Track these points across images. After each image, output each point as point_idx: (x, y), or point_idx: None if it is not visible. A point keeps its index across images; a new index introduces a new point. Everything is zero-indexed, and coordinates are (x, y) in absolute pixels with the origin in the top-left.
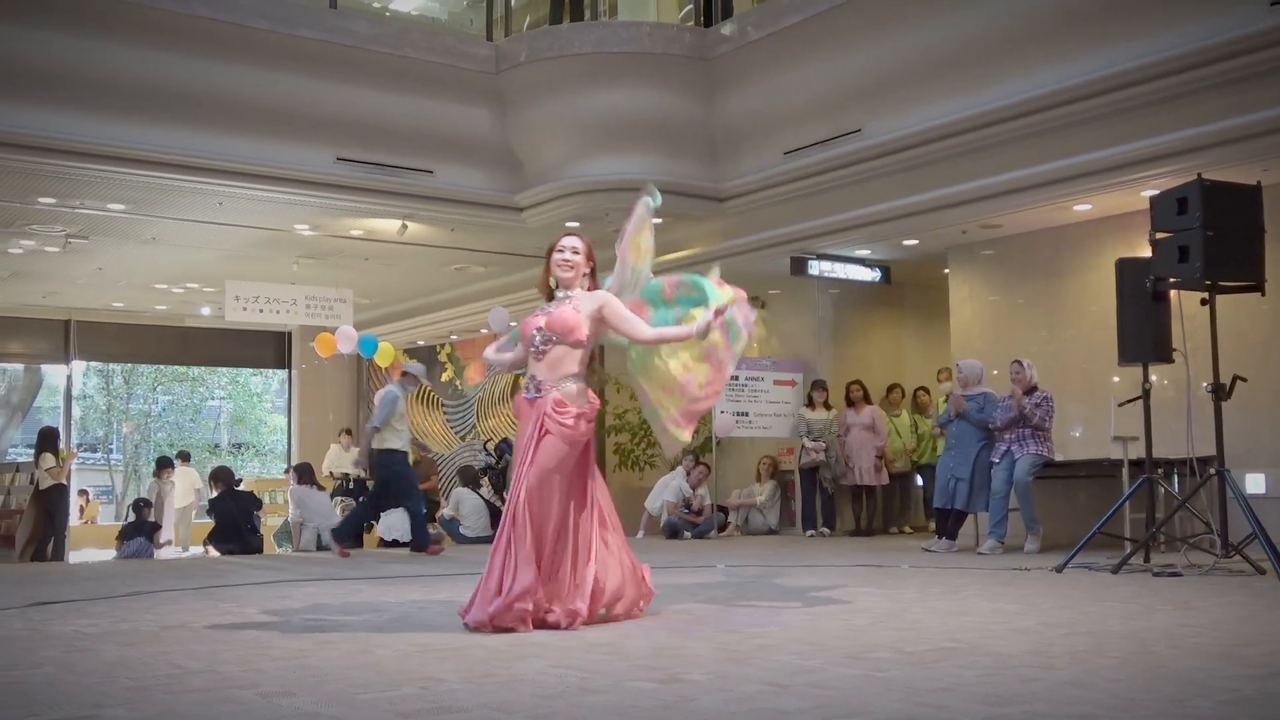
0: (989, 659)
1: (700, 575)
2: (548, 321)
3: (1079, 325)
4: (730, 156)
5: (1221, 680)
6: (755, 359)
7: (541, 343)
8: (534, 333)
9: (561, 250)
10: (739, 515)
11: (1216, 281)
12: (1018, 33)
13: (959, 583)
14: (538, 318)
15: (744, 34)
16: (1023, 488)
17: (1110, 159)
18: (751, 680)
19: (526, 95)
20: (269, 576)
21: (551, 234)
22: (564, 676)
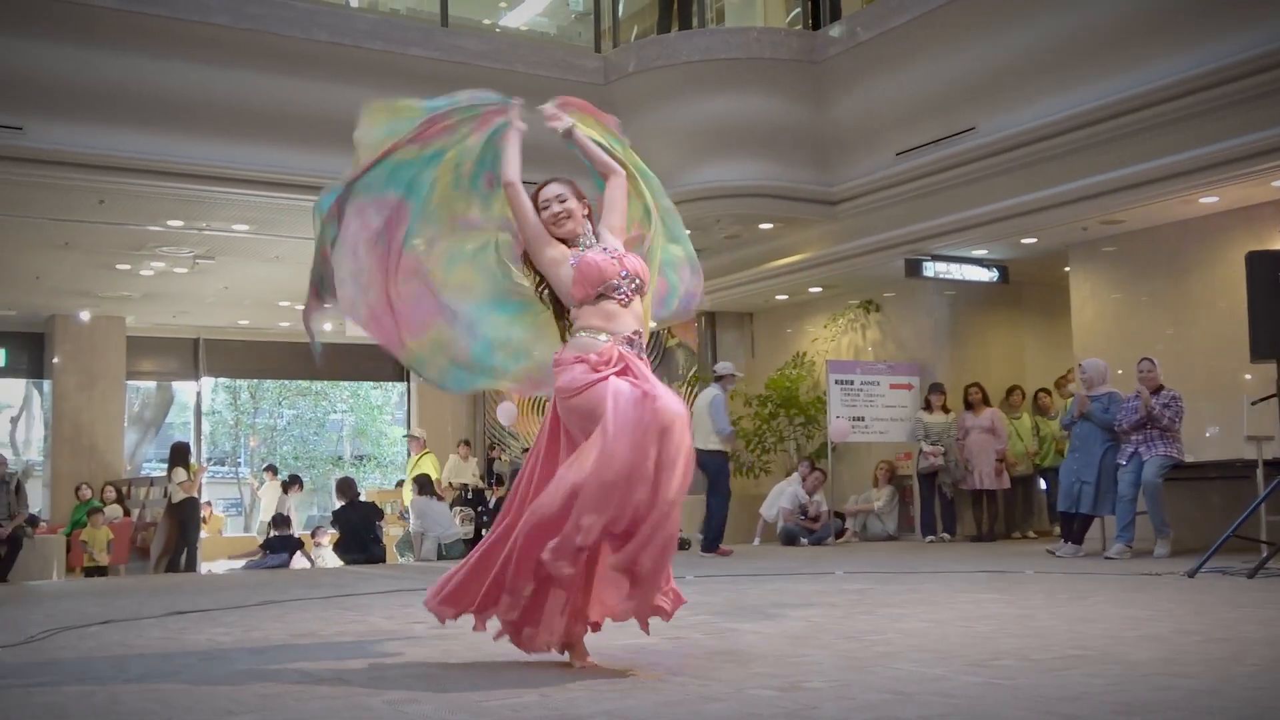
0: (1119, 667)
1: (819, 582)
2: (630, 267)
3: (1207, 321)
4: (841, 159)
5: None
6: (871, 363)
7: (631, 290)
8: (620, 276)
9: (547, 205)
10: (856, 521)
11: None
12: (1135, 23)
13: (1086, 588)
14: (606, 257)
15: (853, 35)
16: (1151, 490)
17: (1238, 149)
18: (874, 688)
19: (636, 104)
20: (392, 586)
21: None
22: (684, 684)
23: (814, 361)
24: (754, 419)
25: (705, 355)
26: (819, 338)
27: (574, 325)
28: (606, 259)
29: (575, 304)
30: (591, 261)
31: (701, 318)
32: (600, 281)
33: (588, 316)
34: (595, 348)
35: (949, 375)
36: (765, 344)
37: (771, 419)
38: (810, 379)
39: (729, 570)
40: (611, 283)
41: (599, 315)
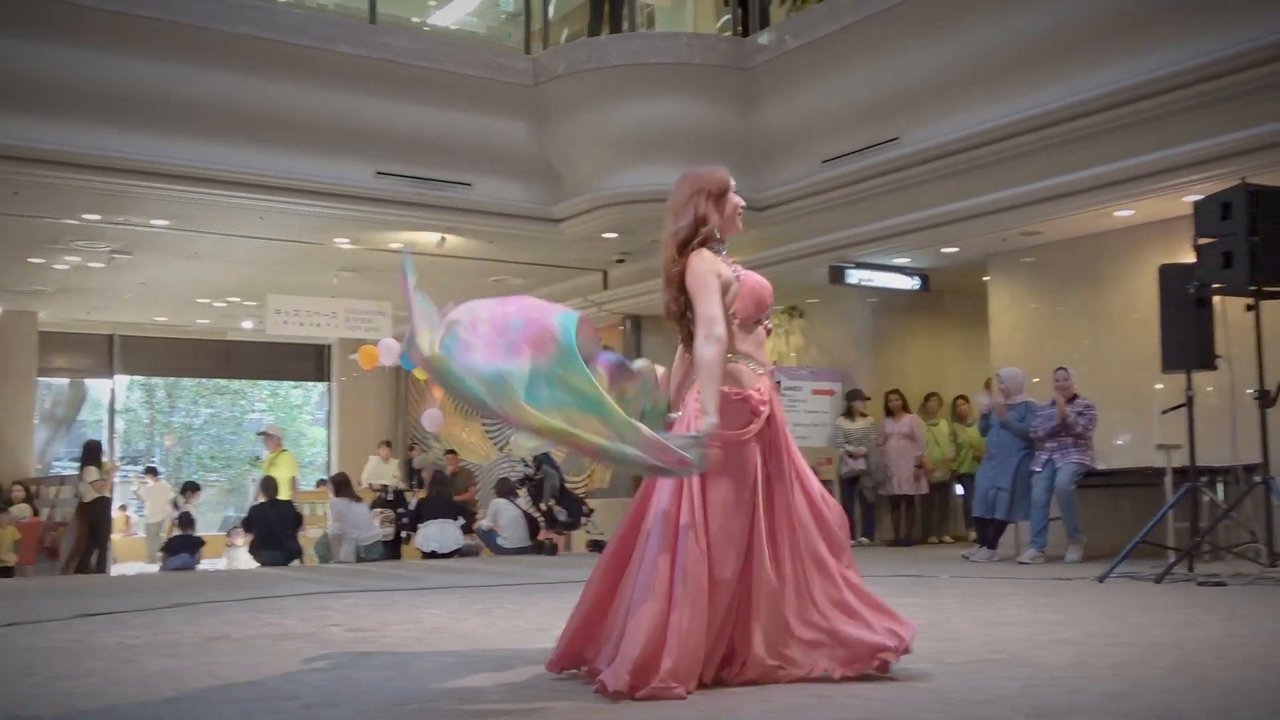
0: (1032, 670)
1: None
2: (766, 295)
3: (1121, 332)
4: (769, 166)
5: (1269, 691)
6: (794, 368)
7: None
8: (755, 309)
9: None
10: None
11: (1261, 287)
12: (1057, 39)
13: (1000, 593)
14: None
15: (781, 43)
16: (1065, 496)
17: (1153, 164)
18: (792, 691)
19: (565, 107)
20: (309, 588)
21: (591, 245)
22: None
23: None
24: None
25: (630, 358)
26: None
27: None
28: (763, 280)
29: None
30: (757, 281)
31: (626, 321)
32: (766, 305)
33: (737, 341)
34: (755, 383)
35: (870, 381)
36: None
37: None
38: None
39: None
40: (768, 309)
41: (752, 343)
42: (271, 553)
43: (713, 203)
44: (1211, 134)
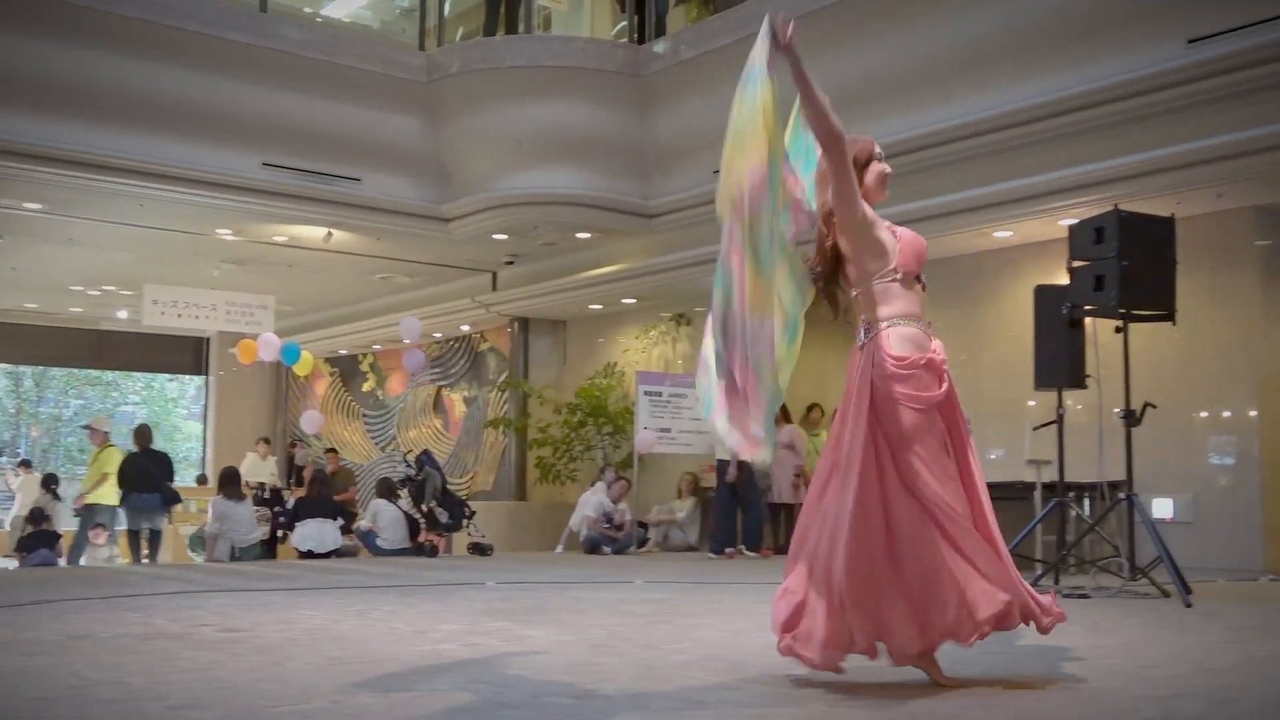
0: (898, 676)
1: (619, 591)
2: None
3: (997, 350)
4: (661, 173)
5: (1127, 701)
6: (680, 375)
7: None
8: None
9: (881, 160)
10: (659, 531)
11: (1130, 310)
12: (941, 62)
13: None
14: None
15: (677, 53)
16: None
17: (1031, 188)
18: (668, 697)
19: (458, 106)
20: (179, 587)
21: (481, 245)
22: (480, 691)
23: (624, 372)
24: (562, 427)
25: (517, 361)
26: (630, 349)
27: (877, 308)
28: (919, 236)
29: (887, 279)
30: (913, 235)
31: (514, 323)
32: (924, 259)
33: (897, 301)
34: (926, 344)
35: None
36: (577, 352)
37: (580, 427)
38: (620, 389)
39: (530, 577)
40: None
41: (908, 301)
42: (149, 496)
43: (859, 170)
44: (1088, 160)
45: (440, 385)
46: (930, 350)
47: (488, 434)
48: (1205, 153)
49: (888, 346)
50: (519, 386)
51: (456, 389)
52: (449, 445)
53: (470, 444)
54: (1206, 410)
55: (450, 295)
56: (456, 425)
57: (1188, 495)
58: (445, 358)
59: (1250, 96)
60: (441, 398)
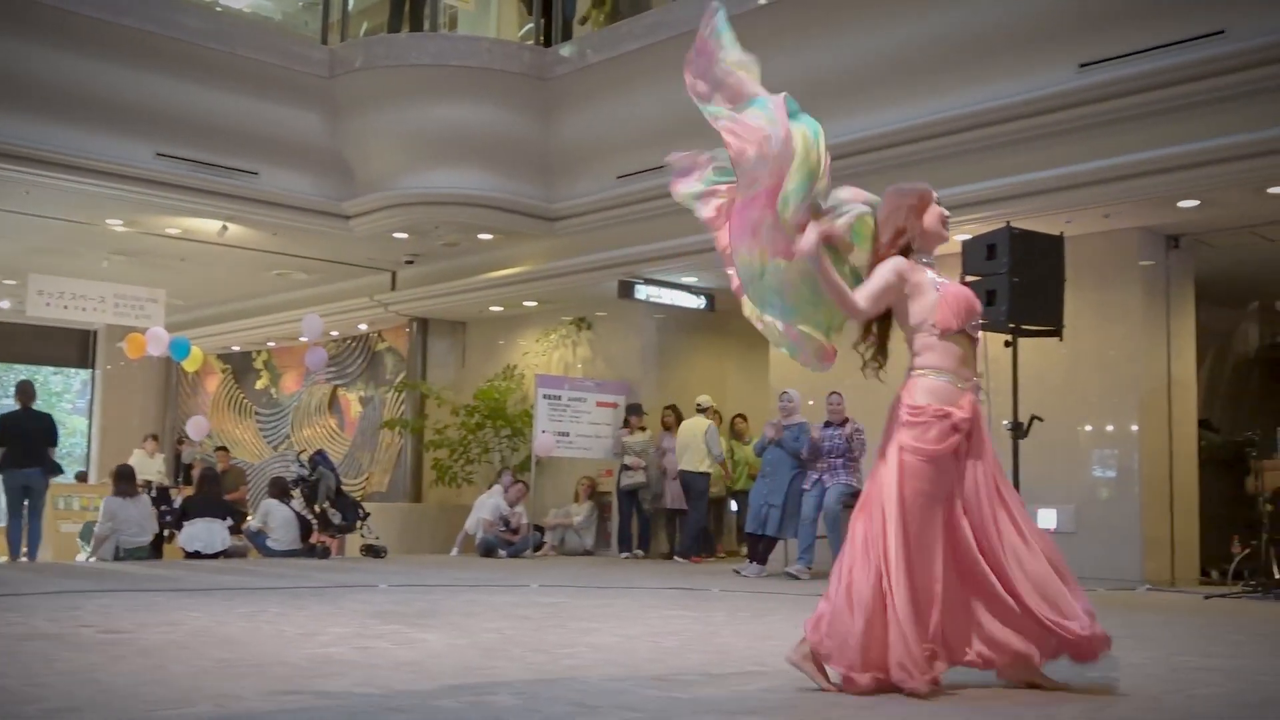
0: (792, 682)
1: (514, 594)
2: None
3: (892, 360)
4: (564, 177)
5: (1008, 707)
6: (580, 380)
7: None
8: (976, 311)
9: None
10: (555, 535)
11: (1020, 325)
12: (848, 78)
13: (767, 607)
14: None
15: (583, 57)
16: (831, 516)
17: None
18: (559, 701)
19: (360, 102)
20: (59, 586)
21: (381, 244)
22: (369, 695)
23: (524, 375)
24: (460, 429)
25: (415, 362)
26: (530, 351)
27: (915, 357)
28: (966, 291)
29: (925, 333)
30: (960, 290)
31: (413, 323)
32: (971, 314)
33: (931, 353)
34: (953, 399)
35: (654, 396)
36: (476, 354)
37: (478, 430)
38: (519, 392)
39: (424, 580)
40: (975, 320)
41: (944, 354)
42: (28, 471)
43: (914, 215)
44: (982, 178)
45: (336, 384)
46: (955, 405)
47: (384, 435)
48: (1094, 174)
49: (908, 395)
50: (416, 387)
51: (353, 388)
52: (344, 445)
53: (366, 444)
54: (1090, 424)
55: (348, 293)
56: (352, 425)
57: (1071, 506)
58: (342, 356)
59: (1138, 121)
60: (337, 397)
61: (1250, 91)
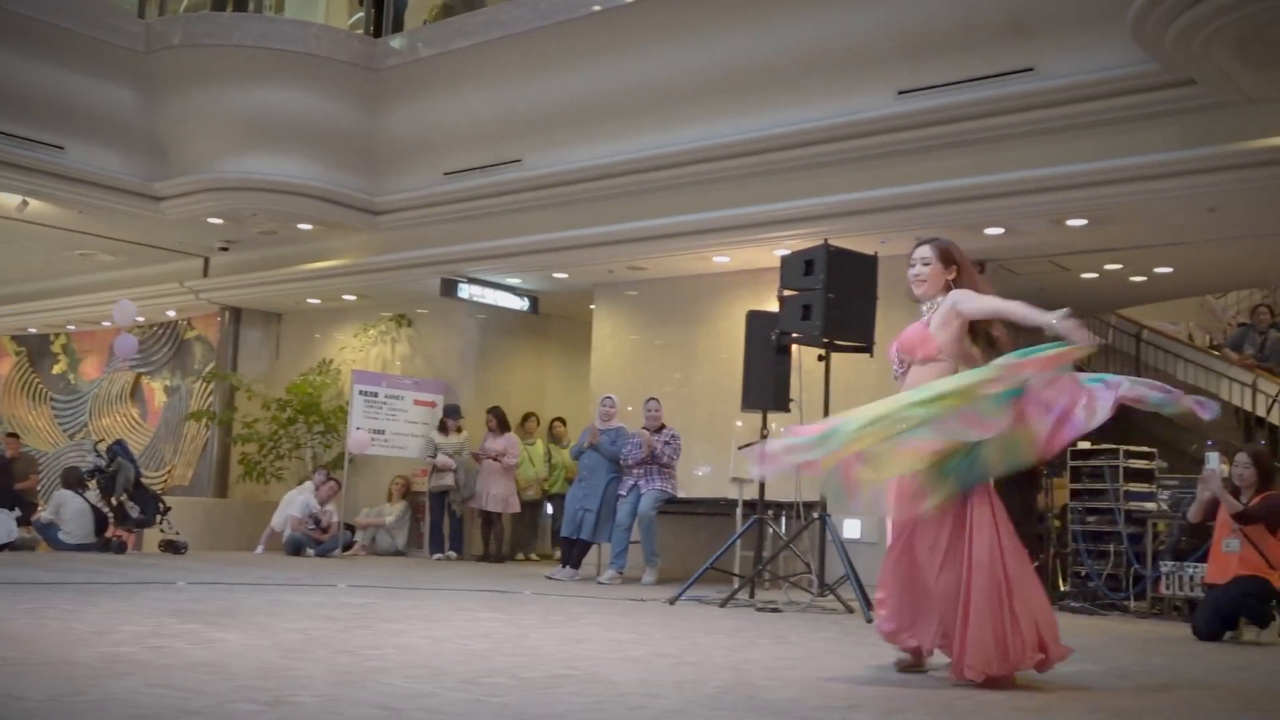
0: (599, 686)
1: (320, 594)
2: (897, 344)
3: (710, 370)
4: (390, 171)
5: (809, 711)
6: (398, 377)
7: (899, 366)
8: (892, 357)
9: (911, 265)
10: (366, 535)
11: (833, 340)
12: (678, 88)
13: (579, 611)
14: (894, 342)
15: (414, 50)
16: (646, 521)
17: (749, 217)
18: (362, 704)
19: (178, 80)
20: None
21: (194, 228)
22: (161, 696)
23: (340, 370)
24: (271, 423)
25: (226, 352)
26: (348, 346)
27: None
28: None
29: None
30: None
31: (225, 312)
32: (903, 350)
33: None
34: None
35: (474, 396)
36: (291, 347)
37: (289, 425)
38: (334, 387)
39: (226, 578)
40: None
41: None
42: None
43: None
44: (804, 196)
45: (140, 372)
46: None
47: (189, 426)
48: (907, 198)
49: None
50: (226, 378)
51: (158, 377)
52: (146, 436)
53: (169, 436)
54: None
55: (157, 278)
56: (156, 415)
57: (875, 517)
58: (147, 344)
59: (951, 149)
60: (140, 386)
61: (1055, 128)
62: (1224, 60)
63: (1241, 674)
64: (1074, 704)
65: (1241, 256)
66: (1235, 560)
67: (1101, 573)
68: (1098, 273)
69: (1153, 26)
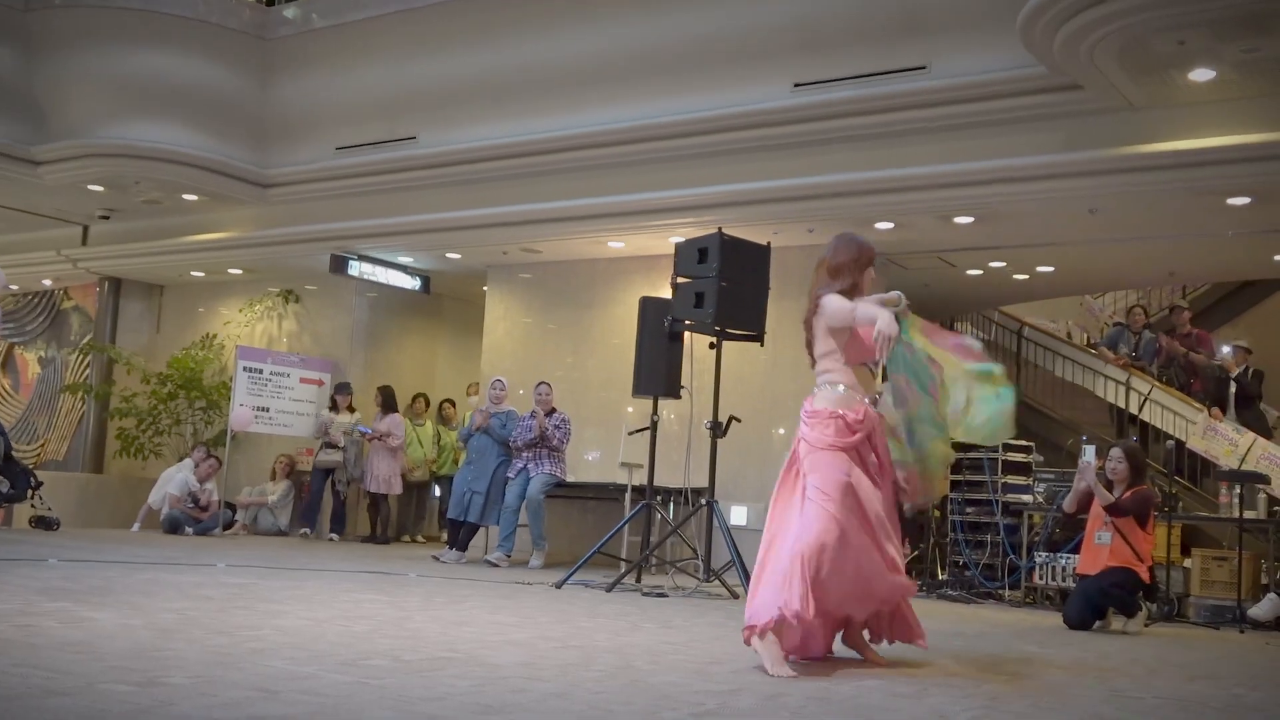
0: (482, 669)
1: (198, 574)
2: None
3: (602, 355)
4: (280, 143)
5: (691, 694)
6: (284, 354)
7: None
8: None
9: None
10: (248, 514)
11: (725, 328)
12: (578, 71)
13: (463, 594)
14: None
15: (307, 20)
16: (534, 505)
17: (644, 203)
18: (239, 685)
19: (59, 40)
20: None
21: (74, 195)
22: (26, 676)
23: (224, 345)
24: (150, 398)
25: (104, 323)
26: (233, 321)
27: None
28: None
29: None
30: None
31: (104, 283)
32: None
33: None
34: (854, 406)
35: (362, 375)
36: (173, 320)
37: (170, 400)
38: (218, 362)
39: (99, 556)
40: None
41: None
42: None
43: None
44: (699, 184)
45: (13, 342)
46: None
47: (64, 399)
48: (800, 190)
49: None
50: (104, 351)
51: (31, 348)
52: (18, 408)
53: (43, 408)
54: (784, 427)
55: (32, 245)
56: (28, 387)
57: (761, 505)
58: (20, 312)
59: (844, 143)
60: (13, 356)
61: (946, 127)
62: (1108, 67)
63: (1106, 661)
64: (948, 689)
65: (1120, 258)
66: (1106, 552)
67: (979, 562)
68: (982, 269)
69: (1041, 31)
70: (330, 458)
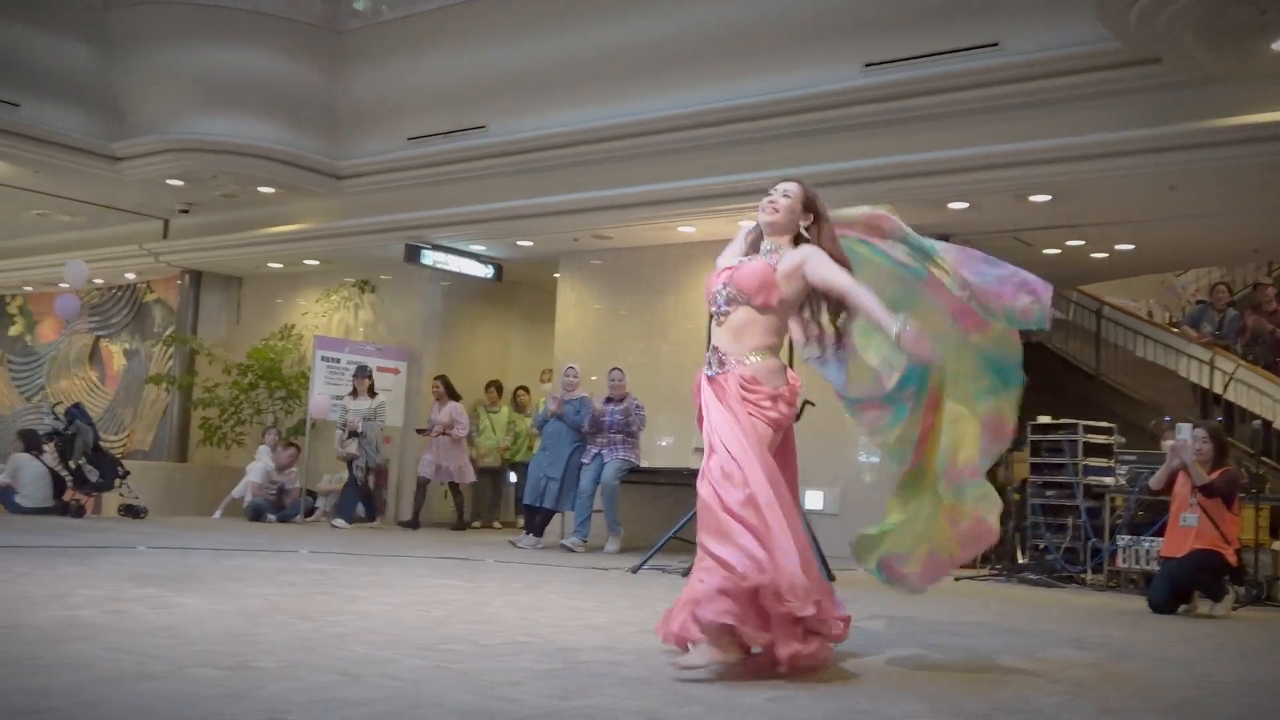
0: (560, 654)
1: (282, 560)
2: (733, 275)
3: (674, 340)
4: (353, 135)
5: (770, 678)
6: (360, 343)
7: (724, 303)
8: (716, 289)
9: (771, 194)
10: (329, 501)
11: None
12: (647, 57)
13: (540, 579)
14: (723, 271)
15: (378, 12)
16: (609, 490)
17: (715, 187)
18: (322, 669)
19: (137, 37)
20: None
21: (154, 190)
22: (119, 661)
23: (302, 335)
24: (232, 388)
25: (186, 315)
26: (310, 311)
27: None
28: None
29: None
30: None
31: (185, 275)
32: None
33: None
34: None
35: (436, 364)
36: (252, 311)
37: (250, 390)
38: (296, 353)
39: (186, 543)
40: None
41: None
42: None
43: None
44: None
45: (99, 335)
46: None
47: (149, 390)
48: (871, 171)
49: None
50: (186, 342)
51: (116, 340)
52: (105, 399)
53: (128, 400)
54: None
55: (116, 239)
56: (114, 379)
57: (836, 489)
58: (106, 306)
59: (916, 123)
60: (99, 348)
61: (1020, 104)
62: (1186, 39)
63: (1192, 646)
64: (1031, 676)
65: (1201, 235)
66: (1191, 534)
67: (1059, 546)
68: (1060, 248)
69: (1117, 5)
70: (347, 450)
